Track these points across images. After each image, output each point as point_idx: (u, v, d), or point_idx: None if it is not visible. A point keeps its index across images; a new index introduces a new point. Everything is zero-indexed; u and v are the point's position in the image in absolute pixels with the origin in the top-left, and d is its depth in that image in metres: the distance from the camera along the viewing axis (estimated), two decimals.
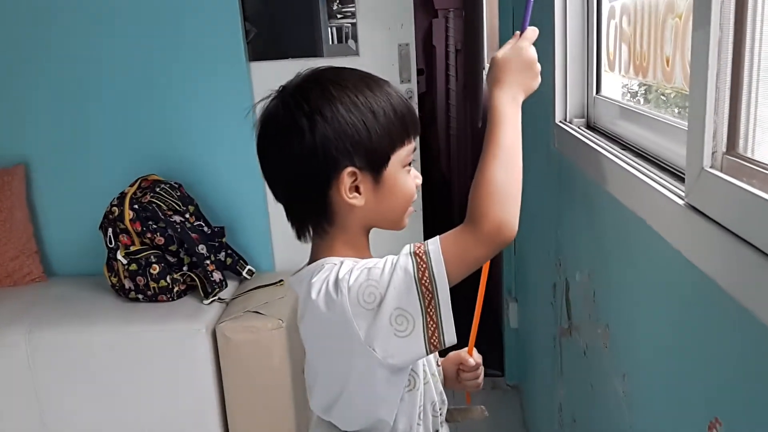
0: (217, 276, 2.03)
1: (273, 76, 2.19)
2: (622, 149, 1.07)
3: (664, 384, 0.84)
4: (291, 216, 0.86)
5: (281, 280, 2.16)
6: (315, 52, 2.28)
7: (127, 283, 2.01)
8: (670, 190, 0.78)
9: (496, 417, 2.29)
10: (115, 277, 2.04)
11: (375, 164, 0.80)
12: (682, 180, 0.77)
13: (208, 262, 2.02)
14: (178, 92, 2.21)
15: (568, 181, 1.37)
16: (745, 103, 0.66)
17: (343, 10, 2.24)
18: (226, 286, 2.08)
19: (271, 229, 2.35)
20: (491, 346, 2.54)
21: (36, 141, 2.27)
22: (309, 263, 0.85)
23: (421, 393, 0.87)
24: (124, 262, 1.98)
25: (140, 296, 2.01)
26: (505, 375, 2.48)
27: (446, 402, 0.96)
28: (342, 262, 0.79)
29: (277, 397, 1.95)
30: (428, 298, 0.74)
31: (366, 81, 0.81)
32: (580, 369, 1.32)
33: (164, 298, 2.01)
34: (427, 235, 2.48)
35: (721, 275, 0.63)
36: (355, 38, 2.24)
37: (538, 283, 1.81)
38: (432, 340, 0.75)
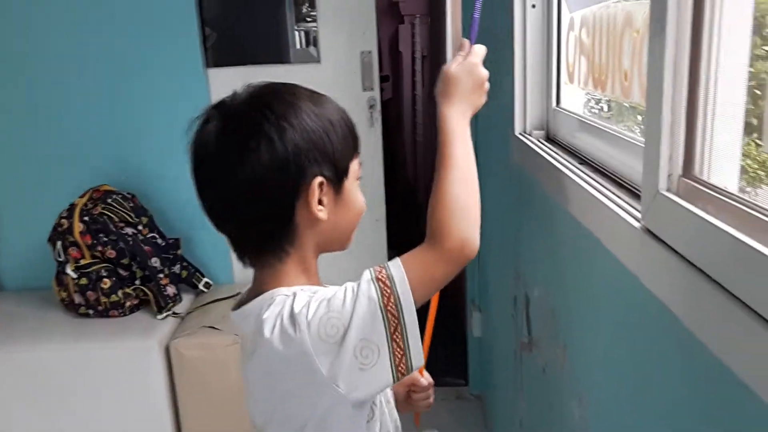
0: (170, 290, 1.96)
1: (234, 83, 2.16)
2: (581, 163, 1.05)
3: (618, 410, 0.82)
4: (244, 243, 0.79)
5: (239, 293, 2.10)
6: (281, 57, 2.23)
7: (77, 298, 1.93)
8: (627, 212, 0.76)
9: (459, 427, 2.27)
10: (64, 291, 1.95)
11: (338, 174, 0.78)
12: (639, 199, 0.75)
13: (161, 275, 1.95)
14: (132, 99, 2.14)
15: (527, 194, 1.35)
16: (701, 126, 0.65)
17: (312, 13, 2.19)
18: (181, 300, 2.02)
19: None
20: (455, 355, 2.52)
21: None
22: (251, 293, 0.79)
23: (379, 423, 0.82)
24: (74, 276, 1.90)
25: (91, 311, 1.93)
26: (469, 384, 2.46)
27: (399, 429, 0.91)
28: (294, 294, 0.74)
29: (233, 416, 1.89)
30: (394, 324, 0.70)
31: (315, 93, 0.79)
32: (539, 387, 1.29)
33: (116, 313, 1.93)
34: (391, 242, 2.45)
35: (673, 301, 0.61)
36: (316, 45, 2.20)
37: (500, 294, 1.79)
38: (399, 368, 0.71)
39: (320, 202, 0.76)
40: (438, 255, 0.74)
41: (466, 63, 0.85)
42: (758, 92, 0.61)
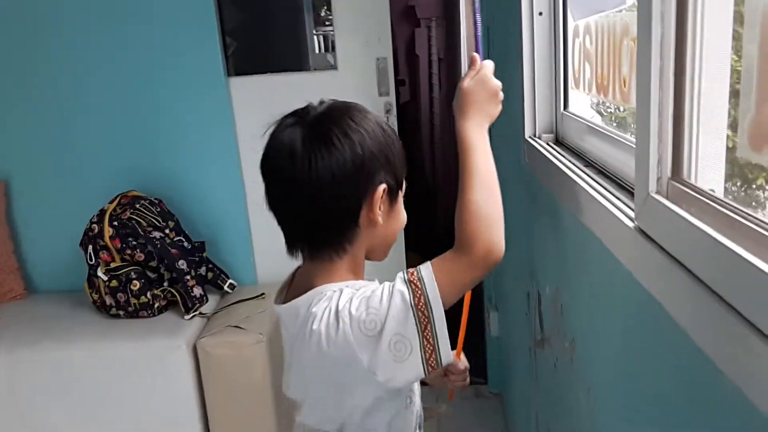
0: (197, 291, 2.04)
1: (254, 91, 2.25)
2: (586, 166, 1.10)
3: (621, 400, 0.86)
4: (305, 236, 0.85)
5: (263, 294, 2.17)
6: (300, 65, 2.29)
7: (108, 300, 2.01)
8: (622, 212, 0.80)
9: (479, 424, 2.31)
10: (96, 293, 2.04)
11: (397, 185, 0.85)
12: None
13: (188, 277, 2.03)
14: (157, 108, 2.22)
15: (538, 195, 1.39)
16: (688, 130, 0.69)
17: (329, 17, 2.25)
18: (207, 300, 2.09)
19: (253, 242, 2.36)
20: (474, 353, 2.55)
21: (16, 158, 2.27)
22: (300, 287, 0.86)
23: (414, 405, 0.91)
24: (105, 278, 1.99)
25: (121, 312, 2.02)
26: (488, 382, 2.50)
27: (422, 417, 0.99)
28: (341, 291, 0.81)
29: (259, 412, 1.96)
30: (424, 323, 0.77)
31: (377, 116, 0.87)
32: (552, 380, 1.33)
33: (145, 314, 2.01)
34: (409, 245, 2.50)
35: (664, 297, 0.65)
36: (333, 51, 2.26)
37: (515, 293, 1.83)
38: (430, 362, 0.78)
39: (379, 208, 0.83)
40: (466, 262, 0.80)
41: (479, 76, 0.90)
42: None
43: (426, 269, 0.79)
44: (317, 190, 0.80)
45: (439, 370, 1.06)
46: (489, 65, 0.92)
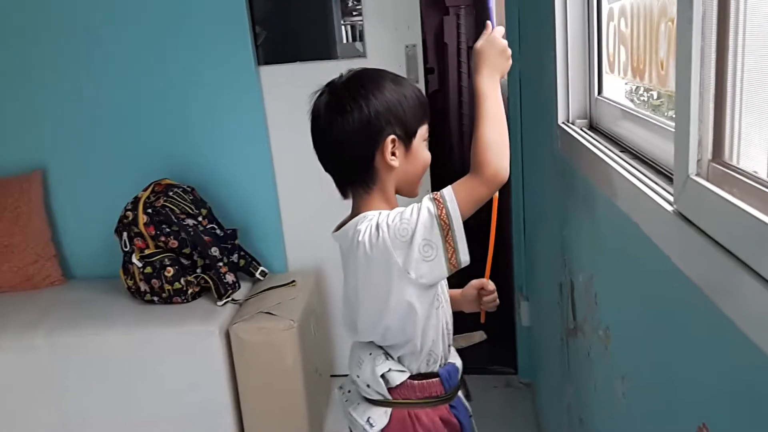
0: (230, 278, 2.06)
1: (284, 79, 2.26)
2: (622, 151, 1.08)
3: (658, 388, 0.85)
4: (341, 179, 1.09)
5: (293, 281, 2.19)
6: (329, 54, 2.29)
7: (143, 286, 2.05)
8: (661, 196, 0.78)
9: (509, 414, 2.30)
10: (130, 279, 2.08)
11: (408, 135, 1.06)
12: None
13: (221, 264, 2.06)
14: (190, 97, 2.25)
15: (571, 181, 1.37)
16: (730, 111, 0.67)
17: (358, 6, 2.24)
18: (239, 287, 2.11)
19: (284, 231, 2.38)
20: (504, 344, 2.55)
21: (53, 147, 2.33)
22: (351, 217, 1.08)
23: (443, 310, 1.12)
24: (139, 265, 2.03)
25: (155, 298, 2.05)
26: (518, 373, 2.49)
27: (451, 324, 1.17)
28: (380, 213, 1.02)
29: (290, 396, 1.99)
30: (446, 230, 0.98)
31: (396, 76, 1.09)
32: (585, 370, 1.32)
33: (179, 300, 2.04)
34: None
35: (705, 282, 0.64)
36: (362, 40, 2.26)
37: (547, 282, 1.81)
38: (451, 261, 0.99)
39: (393, 154, 1.04)
40: (478, 180, 0.99)
41: (489, 37, 1.07)
42: None
43: (447, 190, 0.99)
44: (337, 145, 1.05)
45: (471, 293, 1.28)
46: (499, 29, 1.08)
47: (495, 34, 1.08)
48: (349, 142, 1.03)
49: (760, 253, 0.54)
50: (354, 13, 2.25)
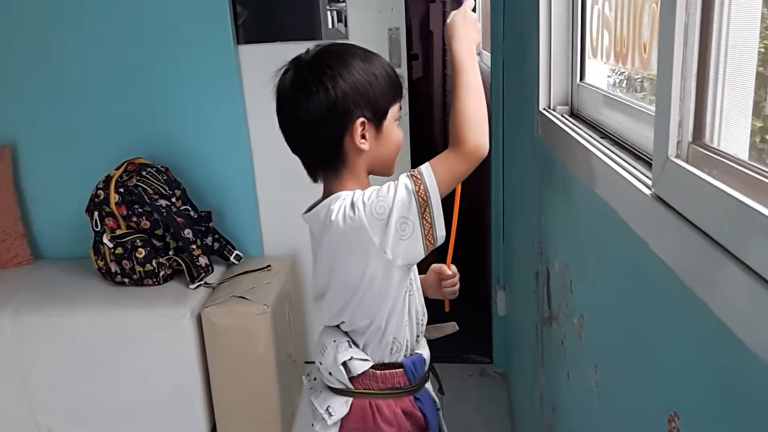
0: (203, 261, 2.02)
1: (264, 58, 2.21)
2: (602, 137, 1.06)
3: (630, 376, 0.83)
4: (309, 162, 1.05)
5: (269, 266, 2.16)
6: (311, 34, 2.25)
7: (113, 267, 2.00)
8: (639, 180, 0.77)
9: (483, 404, 2.30)
10: (101, 260, 2.03)
11: (378, 116, 1.01)
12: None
13: (194, 246, 2.02)
14: (166, 75, 2.19)
15: (550, 168, 1.36)
16: (712, 92, 0.65)
17: None
18: (213, 270, 2.08)
19: (260, 214, 2.34)
20: (480, 333, 2.54)
21: (23, 123, 2.26)
22: (323, 199, 1.03)
23: (414, 298, 1.08)
24: (110, 245, 1.98)
25: (126, 280, 2.01)
26: (493, 362, 2.49)
27: (426, 316, 1.15)
28: (354, 192, 0.98)
29: (262, 382, 1.96)
30: (423, 206, 0.94)
31: (366, 52, 1.03)
32: (558, 358, 1.31)
33: (150, 282, 2.00)
34: None
35: (682, 268, 0.62)
36: (344, 22, 2.22)
37: (523, 271, 1.80)
38: (428, 238, 0.96)
39: (363, 137, 1.00)
40: (457, 155, 0.96)
41: (459, 11, 1.07)
42: None
43: (425, 166, 0.96)
44: (304, 128, 1.00)
45: (432, 278, 1.26)
46: (469, 3, 1.08)
47: (464, 7, 1.08)
48: (315, 125, 0.99)
49: (741, 237, 0.52)
50: (341, 1, 2.20)
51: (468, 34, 1.04)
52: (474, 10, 1.10)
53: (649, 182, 0.74)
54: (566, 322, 1.20)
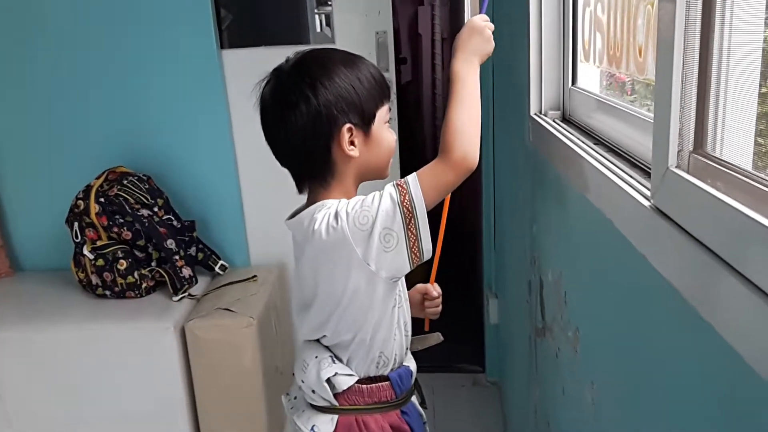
0: (186, 272, 1.97)
1: (249, 63, 2.16)
2: (596, 144, 1.02)
3: (627, 394, 0.79)
4: (298, 174, 1.02)
5: (255, 276, 2.11)
6: (300, 39, 2.20)
7: (95, 279, 1.94)
8: (637, 190, 0.73)
9: (475, 413, 2.26)
10: (82, 272, 1.97)
11: (365, 121, 0.97)
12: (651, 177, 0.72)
13: (177, 257, 1.96)
14: (146, 81, 2.13)
15: (542, 175, 1.32)
16: (714, 98, 0.61)
17: None
18: (197, 282, 2.02)
19: (246, 222, 2.28)
20: (472, 342, 2.50)
21: (1, 132, 2.19)
22: (307, 206, 1.00)
23: (402, 311, 1.05)
24: (91, 257, 1.92)
25: (108, 292, 1.95)
26: (486, 371, 2.44)
27: (410, 326, 1.11)
28: (339, 201, 0.95)
29: (248, 396, 1.90)
30: (409, 217, 0.91)
31: (349, 56, 1.00)
32: (553, 372, 1.27)
33: (132, 294, 1.94)
34: None
35: (683, 284, 0.59)
36: (330, 25, 2.17)
37: (516, 280, 1.76)
38: (413, 250, 0.93)
39: (352, 143, 0.96)
40: (445, 165, 0.93)
41: (469, 22, 1.03)
42: None
43: (411, 176, 0.93)
44: (289, 140, 0.97)
45: (416, 297, 1.22)
46: (481, 15, 1.05)
47: (475, 17, 1.05)
48: (300, 137, 0.95)
49: (743, 251, 0.49)
50: (328, 3, 2.16)
51: (473, 45, 1.01)
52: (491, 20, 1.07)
53: (648, 193, 0.70)
54: (561, 335, 1.16)
